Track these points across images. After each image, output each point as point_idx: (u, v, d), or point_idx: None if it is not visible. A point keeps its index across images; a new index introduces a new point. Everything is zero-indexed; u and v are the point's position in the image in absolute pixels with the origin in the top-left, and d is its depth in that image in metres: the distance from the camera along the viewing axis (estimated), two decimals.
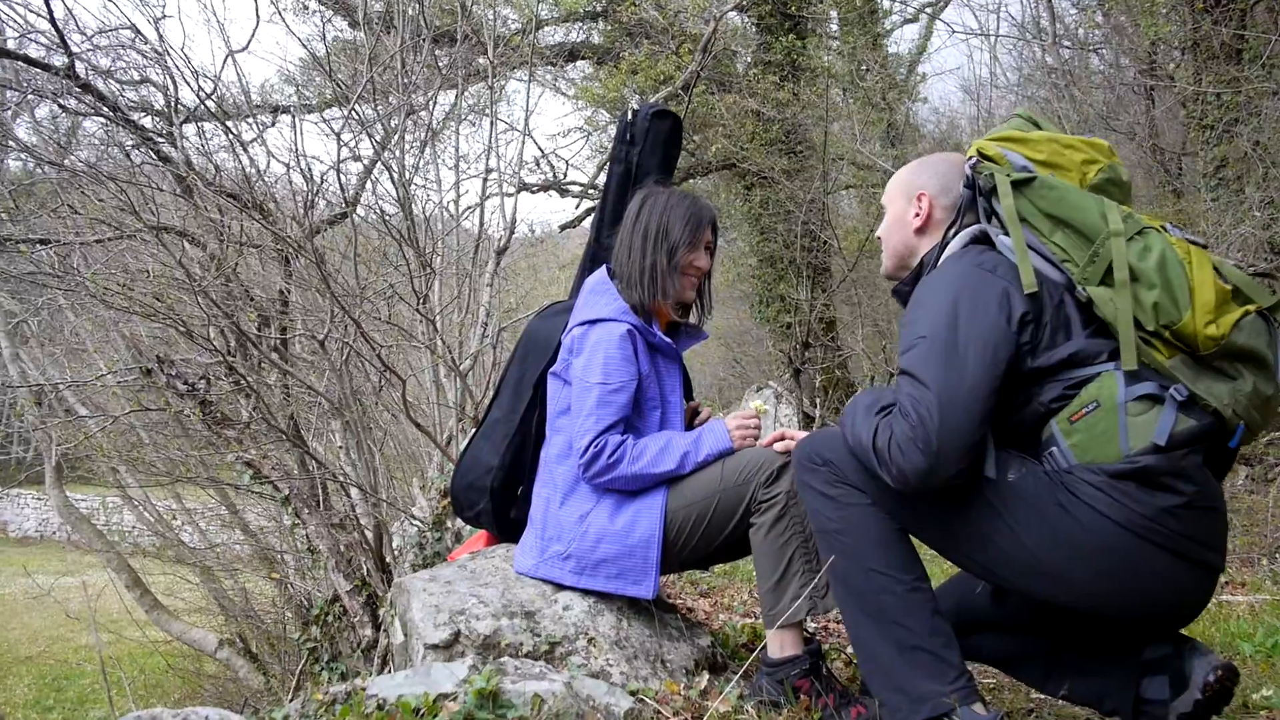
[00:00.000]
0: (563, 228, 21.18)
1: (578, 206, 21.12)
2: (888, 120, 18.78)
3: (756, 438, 4.17)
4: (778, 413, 15.50)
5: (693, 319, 4.61)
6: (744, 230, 19.99)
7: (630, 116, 5.05)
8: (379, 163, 8.74)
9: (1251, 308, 3.15)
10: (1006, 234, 3.34)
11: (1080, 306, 3.22)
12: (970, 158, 3.60)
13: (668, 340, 4.30)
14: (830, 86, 17.81)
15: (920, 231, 3.73)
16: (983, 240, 3.45)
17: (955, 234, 3.55)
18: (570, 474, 4.17)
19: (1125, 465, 3.02)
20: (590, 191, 20.04)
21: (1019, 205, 3.35)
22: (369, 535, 7.30)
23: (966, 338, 3.11)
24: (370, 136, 8.72)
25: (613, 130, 20.28)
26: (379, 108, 8.78)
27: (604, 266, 4.50)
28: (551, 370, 4.34)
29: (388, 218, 8.62)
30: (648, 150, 5.00)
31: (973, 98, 19.22)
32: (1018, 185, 3.37)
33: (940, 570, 5.74)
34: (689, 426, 4.48)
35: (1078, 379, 3.15)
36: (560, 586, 4.18)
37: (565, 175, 20.57)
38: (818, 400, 15.71)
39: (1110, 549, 3.02)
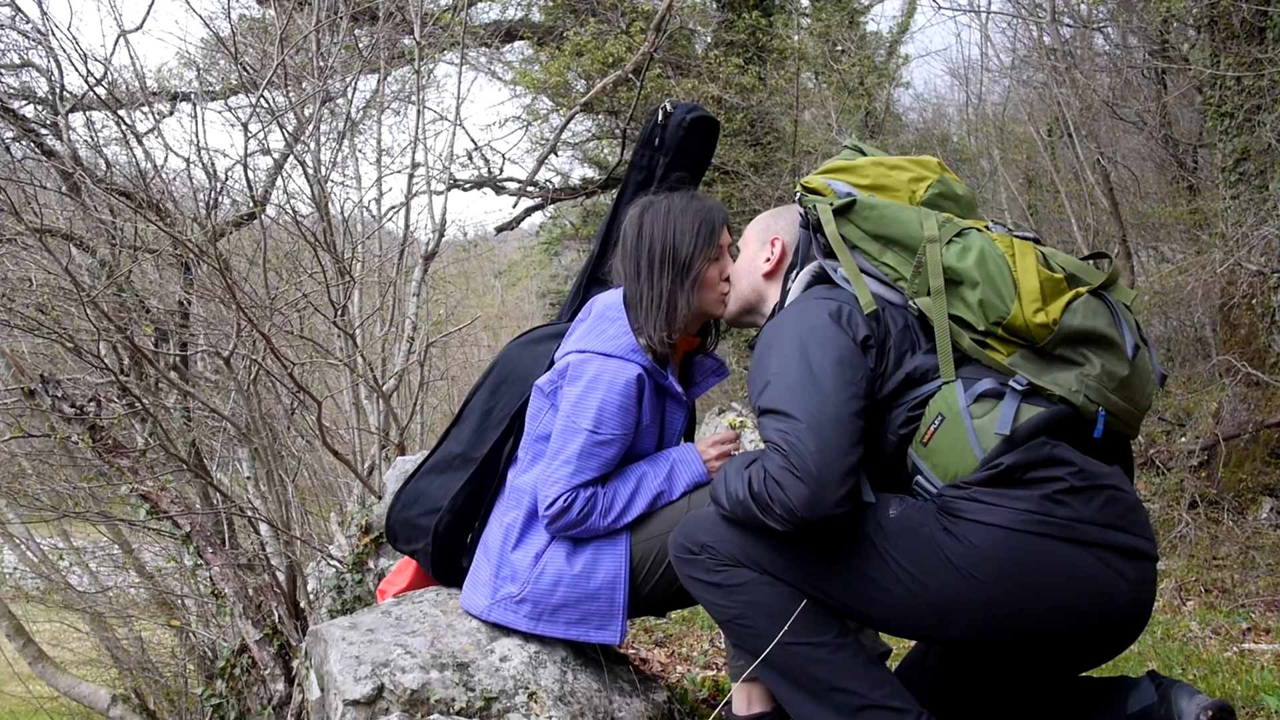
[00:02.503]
0: (499, 230, 21.08)
1: (515, 206, 21.02)
2: (866, 108, 18.86)
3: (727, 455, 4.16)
4: (741, 439, 15.51)
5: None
6: None
7: (661, 118, 4.89)
8: (291, 157, 8.72)
9: (1083, 289, 3.33)
10: (841, 264, 3.53)
11: (923, 325, 3.40)
12: (796, 194, 3.78)
13: (679, 389, 4.21)
14: (801, 70, 17.88)
15: (770, 276, 3.98)
16: (822, 277, 3.66)
17: (796, 276, 3.76)
18: (533, 504, 4.14)
19: (986, 471, 3.15)
20: (530, 189, 20.01)
21: (844, 231, 3.55)
22: (280, 577, 7.27)
23: (820, 363, 3.26)
24: (281, 127, 8.70)
25: (555, 120, 20.41)
26: (291, 95, 8.77)
27: (621, 290, 4.29)
28: (538, 383, 4.23)
29: (301, 219, 8.61)
30: (676, 160, 4.88)
31: (962, 82, 19.35)
32: (840, 211, 3.57)
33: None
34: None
35: (921, 397, 3.33)
36: (504, 632, 4.18)
37: (501, 171, 20.53)
38: None
39: (1006, 558, 3.10)
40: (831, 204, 3.57)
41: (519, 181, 20.63)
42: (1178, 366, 13.63)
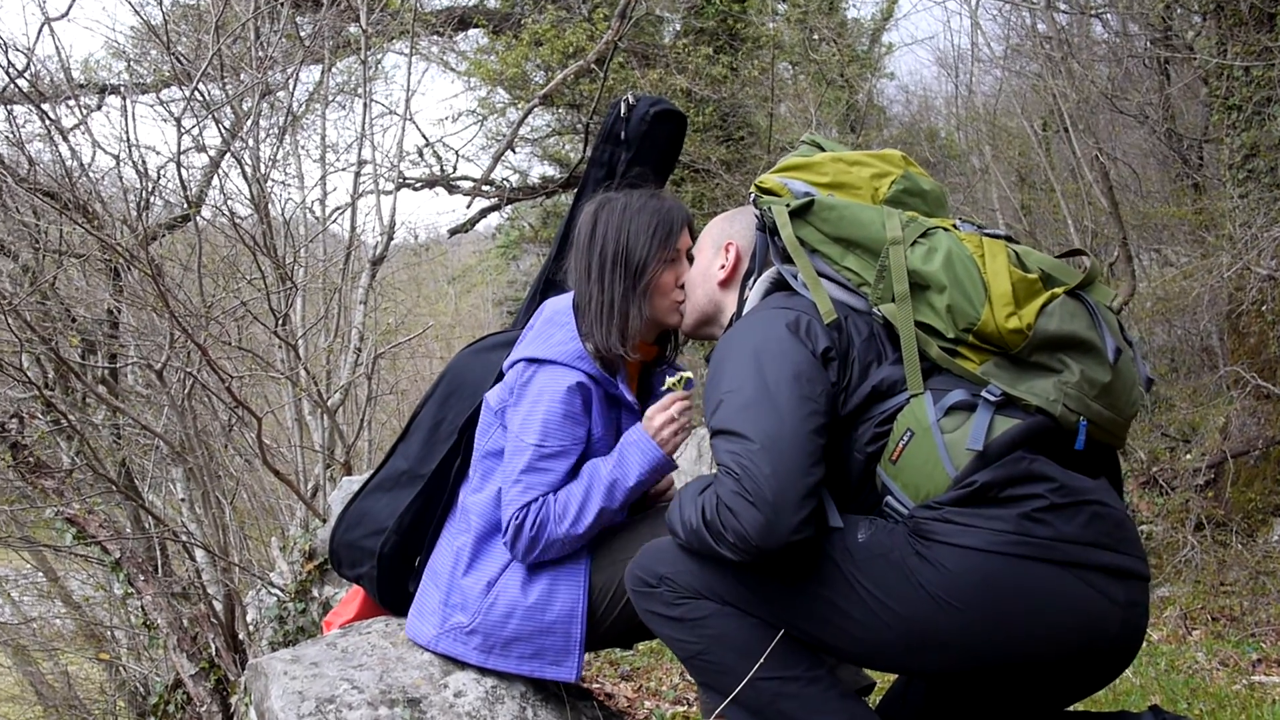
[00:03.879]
0: (452, 233, 21.10)
1: (469, 206, 20.95)
2: (846, 101, 18.88)
3: (689, 424, 4.10)
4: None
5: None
6: None
7: (623, 111, 4.90)
8: (228, 154, 8.72)
9: (1059, 290, 3.29)
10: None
11: (889, 334, 3.39)
12: (751, 194, 3.78)
13: (632, 398, 4.19)
14: (776, 59, 17.91)
15: (725, 285, 3.96)
16: (782, 284, 3.64)
17: (754, 283, 3.74)
18: (484, 526, 4.14)
19: (959, 490, 3.12)
20: (485, 189, 19.98)
21: (802, 233, 3.54)
22: (218, 607, 7.27)
23: (776, 379, 3.24)
24: (218, 122, 8.69)
25: (512, 114, 20.39)
26: (228, 87, 8.77)
27: (573, 294, 4.29)
28: (487, 398, 4.25)
29: (239, 221, 8.60)
30: (640, 155, 4.89)
31: (950, 73, 19.38)
32: (797, 213, 3.55)
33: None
34: (645, 505, 4.39)
35: (888, 411, 3.30)
36: (458, 665, 4.17)
37: (454, 169, 20.52)
38: None
39: (983, 583, 3.08)
40: (788, 204, 3.56)
41: (473, 180, 20.61)
42: (1182, 378, 13.67)
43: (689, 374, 4.08)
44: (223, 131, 8.63)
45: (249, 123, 8.24)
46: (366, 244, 9.22)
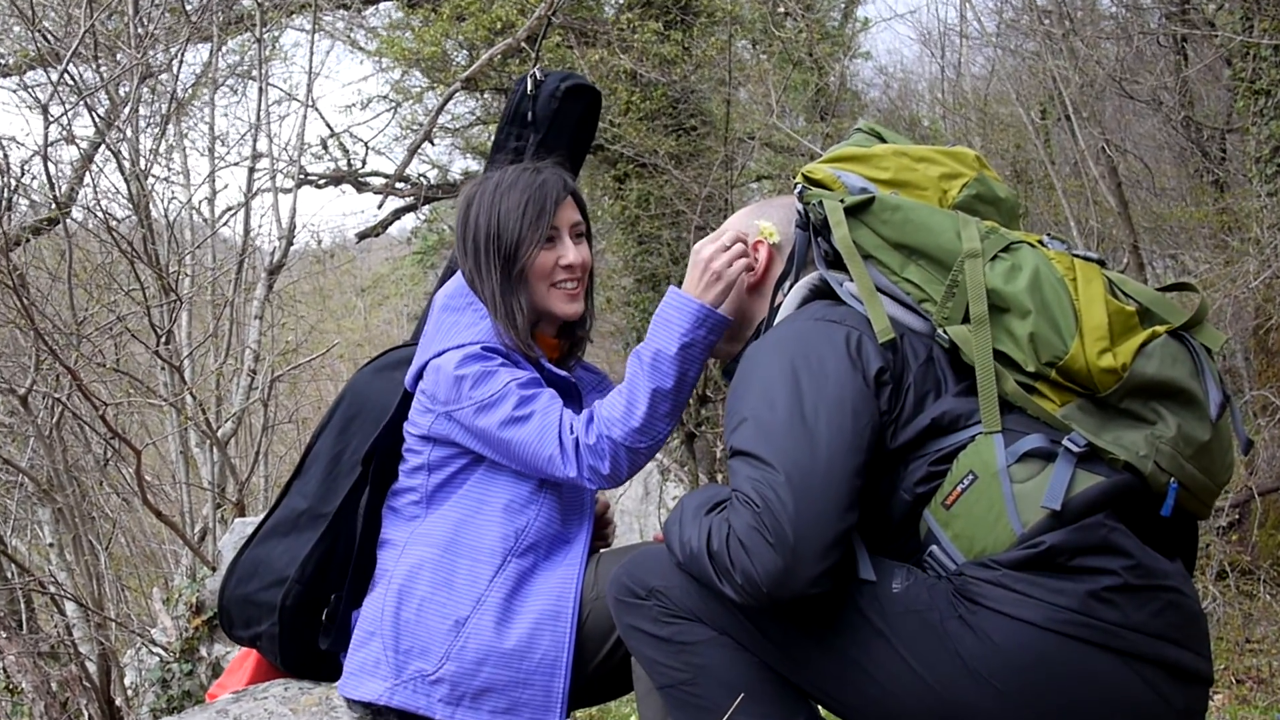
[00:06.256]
0: (361, 237, 21.04)
1: (381, 206, 20.92)
2: (815, 84, 18.92)
3: (752, 263, 3.86)
4: (663, 494, 15.52)
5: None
6: (616, 239, 19.54)
7: (530, 88, 4.83)
8: (103, 146, 8.75)
9: (1161, 329, 3.17)
10: (851, 277, 3.39)
11: (953, 361, 3.29)
12: (796, 186, 3.66)
13: (562, 372, 4.16)
14: (735, 37, 17.95)
15: (754, 289, 3.85)
16: (824, 292, 3.55)
17: (789, 289, 3.66)
18: (440, 555, 4.03)
19: (1024, 551, 2.99)
20: (399, 186, 19.96)
21: (858, 236, 3.38)
22: (91, 668, 7.27)
23: (815, 401, 3.12)
24: (90, 110, 8.72)
25: (431, 100, 20.39)
26: (103, 69, 8.78)
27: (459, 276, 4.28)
28: (406, 428, 4.19)
29: (115, 224, 8.62)
30: (550, 138, 4.82)
31: (934, 52, 19.40)
32: (853, 211, 3.41)
33: None
34: (596, 535, 4.32)
35: (947, 449, 3.17)
36: None
37: (364, 164, 20.45)
38: (719, 474, 15.70)
39: (1033, 664, 2.95)
40: (843, 201, 3.42)
41: (386, 176, 20.54)
42: None
43: (776, 236, 3.88)
44: (96, 120, 8.65)
45: (127, 110, 8.26)
46: (262, 250, 9.24)
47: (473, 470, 4.12)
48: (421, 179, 20.95)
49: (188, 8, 9.83)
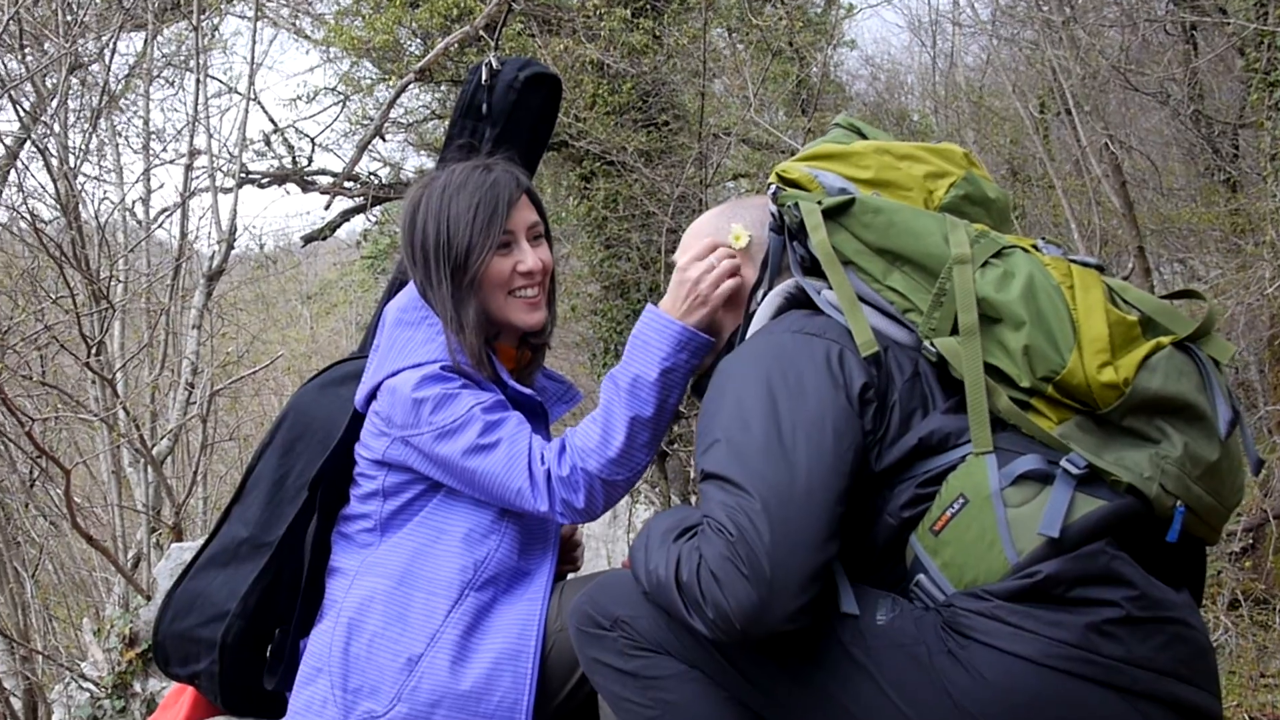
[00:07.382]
0: (306, 240, 21.03)
1: (328, 207, 20.88)
2: (796, 75, 18.89)
3: (739, 281, 3.82)
4: (632, 517, 15.51)
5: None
6: (581, 242, 19.29)
7: (486, 78, 4.81)
8: (28, 142, 8.72)
9: (1165, 340, 3.13)
10: (830, 285, 3.34)
11: (941, 376, 3.24)
12: (770, 186, 3.61)
13: (527, 391, 4.13)
14: (710, 25, 17.91)
15: (728, 299, 3.78)
16: (800, 300, 3.50)
17: (763, 298, 3.61)
18: (393, 586, 3.97)
19: (1019, 581, 2.92)
20: (348, 186, 19.91)
21: (838, 241, 3.35)
22: (16, 705, 7.25)
23: (793, 421, 3.07)
24: (15, 103, 8.69)
25: (382, 92, 20.37)
26: (29, 59, 8.76)
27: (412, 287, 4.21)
28: (358, 450, 4.14)
29: (42, 225, 8.59)
30: (508, 132, 4.79)
31: (925, 41, 19.47)
32: (831, 214, 3.37)
33: None
34: (563, 559, 4.34)
35: (935, 470, 3.12)
36: None
37: (310, 161, 20.46)
38: (692, 495, 15.68)
39: (1029, 704, 2.88)
40: (820, 202, 3.38)
41: (333, 175, 20.55)
42: None
43: (748, 236, 3.85)
44: (21, 114, 8.62)
45: (54, 103, 8.24)
46: (201, 254, 9.23)
47: (430, 497, 4.08)
48: (372, 178, 20.90)
49: None
